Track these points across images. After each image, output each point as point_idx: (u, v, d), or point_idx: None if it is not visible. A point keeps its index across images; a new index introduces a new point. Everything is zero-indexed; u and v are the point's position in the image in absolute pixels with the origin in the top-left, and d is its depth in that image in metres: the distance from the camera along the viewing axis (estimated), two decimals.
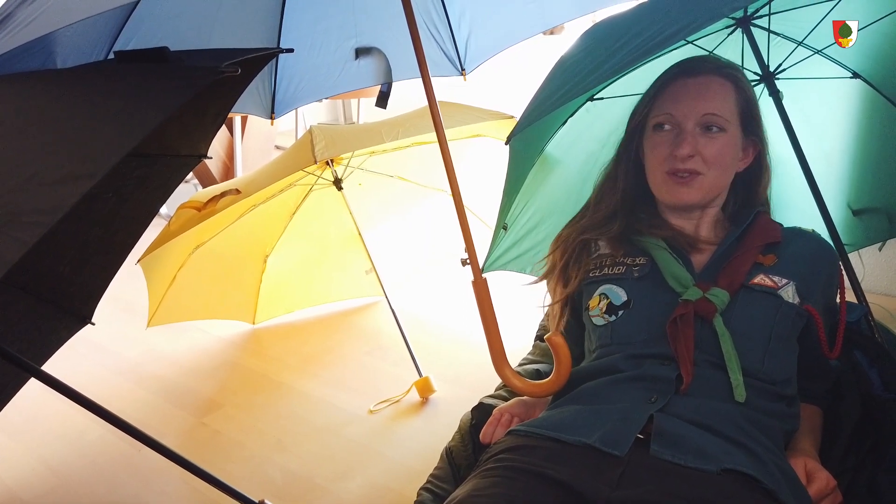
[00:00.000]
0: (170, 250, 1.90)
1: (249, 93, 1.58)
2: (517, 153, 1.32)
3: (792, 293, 0.98)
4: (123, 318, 2.41)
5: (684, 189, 1.03)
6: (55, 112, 0.69)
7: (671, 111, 1.03)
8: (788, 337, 0.97)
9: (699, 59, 1.07)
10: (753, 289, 0.98)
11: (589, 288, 1.08)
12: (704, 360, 0.94)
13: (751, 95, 1.05)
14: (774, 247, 1.03)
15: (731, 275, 0.98)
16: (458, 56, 1.67)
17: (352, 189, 2.14)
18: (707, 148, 1.01)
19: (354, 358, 2.17)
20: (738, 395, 0.91)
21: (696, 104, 1.01)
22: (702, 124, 1.01)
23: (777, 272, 0.99)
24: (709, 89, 1.02)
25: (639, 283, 1.03)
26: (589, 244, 1.12)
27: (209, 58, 0.82)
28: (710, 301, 0.95)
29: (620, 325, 1.01)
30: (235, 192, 1.74)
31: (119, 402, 2.01)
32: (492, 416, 1.07)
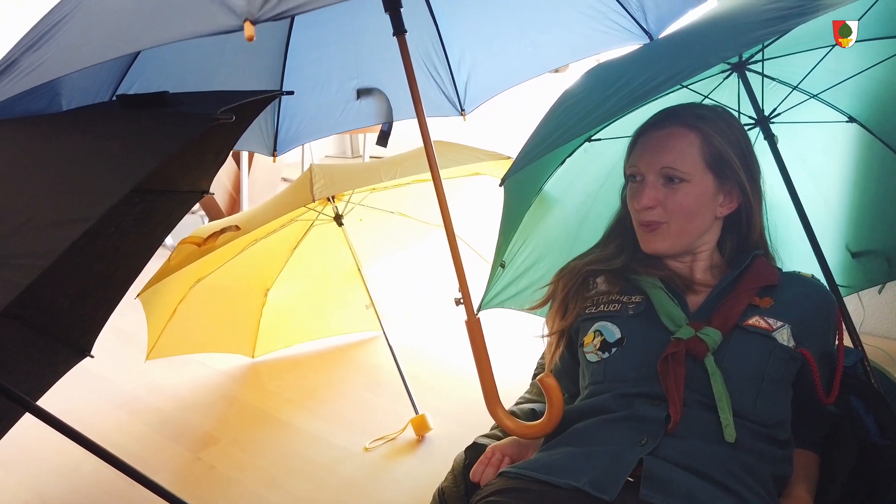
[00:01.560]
0: (170, 284, 1.91)
1: (252, 130, 1.61)
2: (513, 194, 1.34)
3: (787, 336, 0.98)
4: (123, 351, 2.41)
5: (652, 237, 1.05)
6: (53, 156, 0.70)
7: (637, 164, 1.06)
8: (782, 380, 0.97)
9: (668, 112, 1.08)
10: (747, 330, 0.98)
11: (585, 325, 1.09)
12: (696, 401, 0.93)
13: (719, 143, 1.04)
14: (771, 290, 1.03)
15: (724, 315, 0.99)
16: (458, 97, 1.70)
17: (352, 225, 2.15)
18: (669, 198, 1.03)
19: (352, 393, 2.16)
20: (727, 435, 0.90)
21: (656, 157, 1.04)
22: (663, 175, 1.03)
23: (773, 315, 0.99)
24: (669, 142, 1.03)
25: (633, 320, 1.03)
26: (588, 280, 1.13)
27: (209, 101, 0.84)
28: (702, 340, 0.96)
29: (613, 363, 1.01)
30: (235, 229, 1.76)
31: (116, 435, 2.00)
32: (483, 455, 1.06)
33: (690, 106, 1.08)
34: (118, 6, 0.80)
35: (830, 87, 1.42)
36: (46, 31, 0.88)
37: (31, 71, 0.80)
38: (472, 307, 1.13)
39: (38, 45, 0.85)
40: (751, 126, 1.44)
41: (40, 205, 0.62)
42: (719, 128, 1.05)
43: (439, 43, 1.62)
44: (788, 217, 1.47)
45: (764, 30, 0.99)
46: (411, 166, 1.75)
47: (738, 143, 1.07)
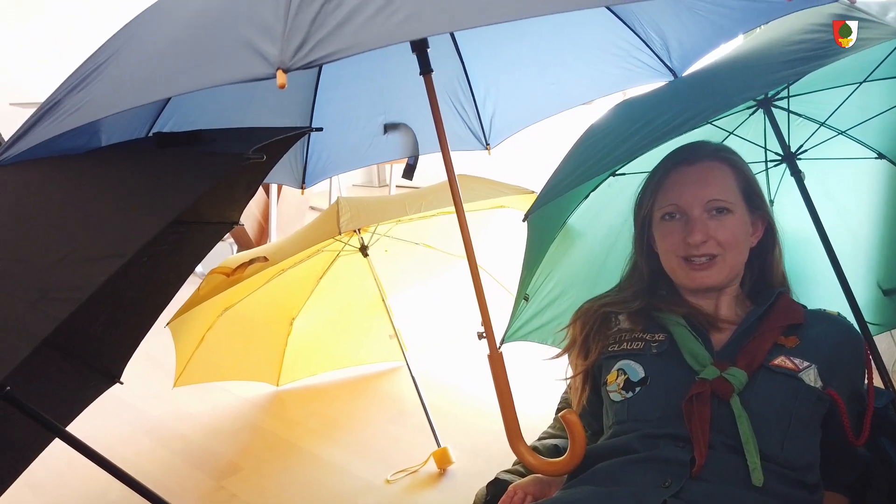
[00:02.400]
0: (198, 313, 1.95)
1: (282, 164, 1.65)
2: (536, 227, 1.34)
3: (814, 377, 0.96)
4: (151, 377, 2.45)
5: (704, 273, 1.04)
6: (91, 193, 0.73)
7: (676, 201, 1.06)
8: (810, 421, 0.95)
9: (693, 147, 1.10)
10: (773, 370, 0.96)
11: (608, 363, 1.08)
12: (721, 443, 0.92)
13: (749, 174, 1.08)
14: (796, 328, 1.01)
15: (750, 355, 0.97)
16: (483, 132, 1.72)
17: (377, 255, 2.17)
18: (719, 231, 1.03)
19: (375, 424, 2.16)
20: (755, 479, 0.88)
21: (700, 191, 1.04)
22: (709, 209, 1.04)
23: (798, 354, 0.98)
24: (709, 175, 1.05)
25: (657, 359, 1.02)
26: (609, 318, 1.12)
27: (241, 139, 0.87)
28: (727, 381, 0.94)
29: (637, 402, 1.00)
30: (263, 260, 1.79)
31: (142, 461, 2.02)
32: (505, 494, 1.06)
33: (705, 143, 1.10)
34: (157, 53, 0.84)
35: (858, 123, 1.41)
36: (88, 73, 0.92)
37: (74, 112, 0.84)
38: (495, 341, 1.13)
39: (80, 87, 0.89)
40: (777, 162, 1.44)
41: (78, 240, 0.65)
42: (740, 159, 1.09)
43: (465, 79, 1.65)
44: (816, 254, 1.45)
45: (788, 70, 1.00)
46: (436, 199, 1.77)
47: (752, 174, 1.11)
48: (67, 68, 1.00)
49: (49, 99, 0.93)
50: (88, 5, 3.99)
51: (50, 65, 1.48)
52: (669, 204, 1.07)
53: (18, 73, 3.78)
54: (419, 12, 0.69)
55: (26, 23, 4.00)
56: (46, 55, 3.11)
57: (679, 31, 1.45)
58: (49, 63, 1.61)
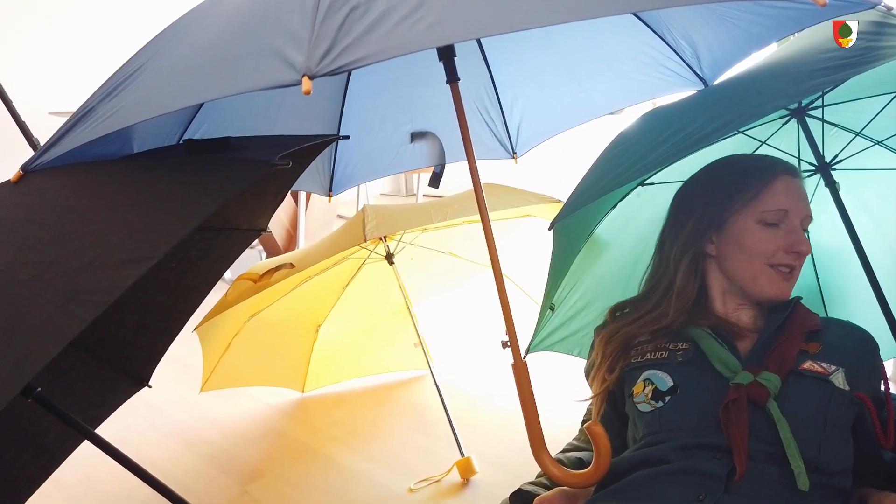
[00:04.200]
0: (226, 319, 1.97)
1: (310, 172, 1.66)
2: (563, 236, 1.33)
3: (842, 380, 0.95)
4: (179, 381, 2.47)
5: (787, 284, 1.05)
6: (121, 198, 0.75)
7: (786, 207, 1.05)
8: (844, 425, 0.94)
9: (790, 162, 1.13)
10: (804, 374, 0.95)
11: (632, 374, 1.06)
12: (760, 452, 0.90)
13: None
14: (816, 335, 1.01)
15: (779, 359, 0.96)
16: (510, 140, 1.72)
17: (403, 263, 2.18)
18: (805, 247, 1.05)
19: (398, 432, 2.16)
20: (801, 484, 0.86)
21: (803, 206, 1.07)
22: (804, 225, 1.07)
23: (824, 359, 0.97)
24: (804, 192, 1.08)
25: (683, 367, 1.01)
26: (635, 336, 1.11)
27: (270, 146, 0.88)
28: (762, 385, 0.93)
29: (669, 412, 0.98)
30: (290, 267, 1.81)
31: (168, 465, 2.05)
32: None
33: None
34: (188, 61, 0.86)
35: (895, 133, 1.38)
36: (121, 81, 0.94)
37: (107, 118, 0.86)
38: (519, 350, 1.12)
39: (113, 95, 0.91)
40: (811, 172, 1.41)
41: (108, 244, 0.66)
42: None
43: (492, 88, 1.65)
44: (850, 266, 1.42)
45: (823, 78, 0.98)
46: (461, 208, 1.77)
47: None
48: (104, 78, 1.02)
49: (83, 106, 0.95)
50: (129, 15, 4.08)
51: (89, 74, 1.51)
52: (779, 209, 1.05)
53: (58, 82, 3.87)
54: (446, 19, 0.69)
55: (67, 31, 4.11)
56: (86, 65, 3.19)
57: (709, 38, 1.43)
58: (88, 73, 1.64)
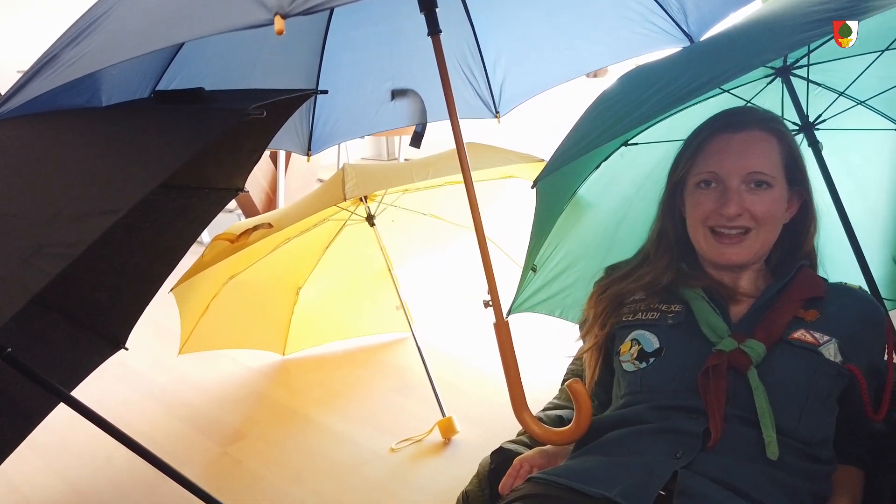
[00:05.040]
0: (203, 280, 1.94)
1: (287, 130, 1.62)
2: (546, 196, 1.32)
3: (834, 351, 0.94)
4: (156, 344, 2.45)
5: (733, 248, 1.00)
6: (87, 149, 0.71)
7: (715, 169, 1.01)
8: (828, 396, 0.93)
9: (741, 113, 1.04)
10: (793, 344, 0.94)
11: (621, 332, 1.06)
12: (736, 416, 0.90)
13: (794, 146, 1.02)
14: (817, 302, 0.99)
15: (768, 328, 0.95)
16: (493, 99, 1.69)
17: (384, 225, 2.16)
18: (756, 205, 0.99)
19: (380, 394, 2.16)
20: (770, 453, 0.87)
21: (740, 162, 0.99)
22: (747, 181, 0.99)
23: (819, 328, 0.96)
24: (753, 146, 1.00)
25: (672, 330, 1.00)
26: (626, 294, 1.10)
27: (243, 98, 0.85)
28: (744, 353, 0.92)
29: (651, 373, 0.98)
30: (268, 226, 1.77)
31: (147, 427, 2.04)
32: (511, 468, 1.04)
33: (753, 110, 1.04)
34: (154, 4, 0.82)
35: (879, 93, 1.37)
36: (86, 27, 0.89)
37: (72, 64, 0.81)
38: (501, 310, 1.11)
39: (78, 41, 0.87)
40: (794, 132, 1.40)
41: (73, 196, 0.64)
42: (788, 131, 1.04)
43: (475, 44, 1.61)
44: (832, 227, 1.42)
45: (810, 31, 0.96)
46: (443, 167, 1.74)
47: (797, 145, 1.05)
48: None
49: (46, 52, 0.91)
50: None
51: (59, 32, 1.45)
52: (707, 171, 1.02)
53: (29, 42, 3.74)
54: None
55: None
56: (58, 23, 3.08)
57: None
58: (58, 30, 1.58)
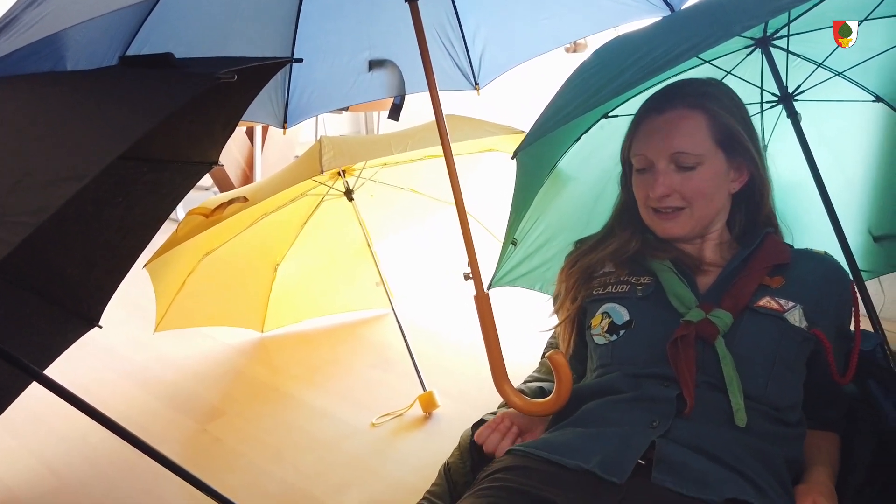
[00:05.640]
0: (178, 256, 1.90)
1: (262, 102, 1.59)
2: (526, 168, 1.31)
3: (799, 317, 0.95)
4: (131, 323, 2.42)
5: (670, 224, 1.02)
6: (51, 115, 0.69)
7: (644, 152, 1.03)
8: (794, 362, 0.95)
9: (667, 92, 1.04)
10: (758, 311, 0.95)
11: (592, 306, 1.07)
12: (706, 383, 0.92)
13: (727, 120, 1.00)
14: (782, 269, 1.00)
15: (735, 297, 0.96)
16: (472, 70, 1.66)
17: (363, 200, 2.13)
18: (684, 185, 1.00)
19: (360, 370, 2.16)
20: (738, 420, 0.88)
21: (664, 143, 1.00)
22: (674, 162, 1.00)
23: (784, 295, 0.97)
24: (677, 126, 1.00)
25: (642, 302, 1.01)
26: (597, 264, 1.11)
27: (215, 65, 0.82)
28: (712, 322, 0.93)
29: (621, 345, 1.00)
30: (243, 200, 1.74)
31: (123, 406, 2.01)
32: (493, 419, 1.04)
33: (688, 83, 1.03)
34: None
35: (856, 64, 1.37)
36: None
37: (33, 25, 0.78)
38: (482, 282, 1.10)
39: (38, 1, 0.83)
40: (774, 103, 1.40)
41: (35, 163, 0.61)
42: (722, 103, 1.02)
43: (454, 13, 1.58)
44: (810, 198, 1.43)
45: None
46: (422, 139, 1.72)
47: (741, 115, 1.04)
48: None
49: (6, 15, 0.87)
50: None
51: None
52: (639, 154, 1.04)
53: None
54: None
55: None
56: None
57: None
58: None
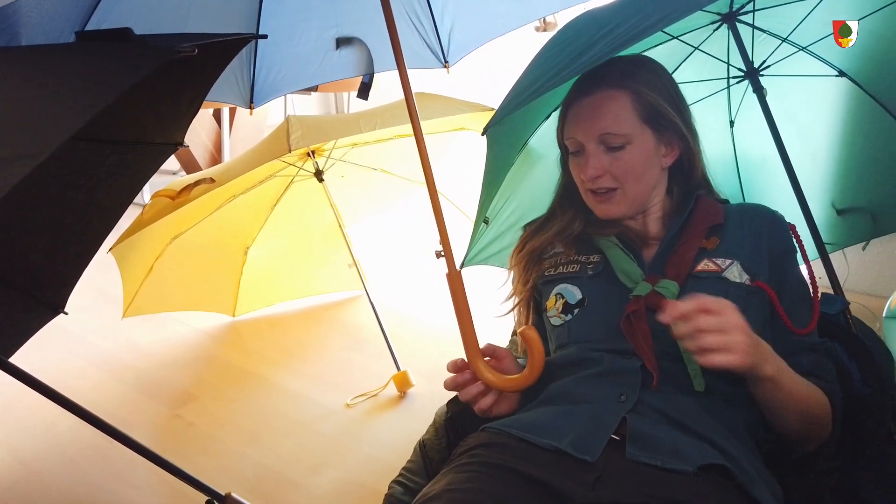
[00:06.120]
0: (145, 239, 1.87)
1: (227, 81, 1.55)
2: (497, 146, 1.30)
3: (738, 272, 0.96)
4: (99, 309, 2.38)
5: (606, 205, 1.04)
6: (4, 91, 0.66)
7: (574, 135, 1.04)
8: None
9: (592, 75, 1.04)
10: (699, 276, 0.97)
11: (546, 288, 1.08)
12: (663, 353, 0.93)
13: (651, 97, 1.01)
14: (718, 229, 1.01)
15: (677, 265, 0.98)
16: (441, 48, 1.64)
17: (334, 181, 2.11)
18: (614, 165, 1.01)
19: (334, 352, 2.15)
20: (697, 385, 0.90)
21: (592, 125, 1.01)
22: (603, 142, 1.01)
23: (720, 254, 0.98)
24: (602, 107, 1.01)
25: (593, 280, 1.03)
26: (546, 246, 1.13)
27: (175, 39, 0.79)
28: (659, 294, 0.95)
29: (576, 324, 1.01)
30: (210, 182, 1.70)
31: (92, 394, 1.98)
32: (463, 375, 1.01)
33: (612, 63, 1.04)
34: None
35: (820, 39, 1.39)
36: None
37: None
38: (454, 260, 1.10)
39: None
40: (740, 78, 1.41)
41: None
42: (647, 79, 1.02)
43: None
44: (775, 172, 1.45)
45: None
46: (392, 117, 1.70)
47: (668, 90, 1.04)
48: None
49: None
50: None
51: None
52: (570, 138, 1.05)
53: None
54: None
55: None
56: None
57: None
58: None
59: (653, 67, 1.06)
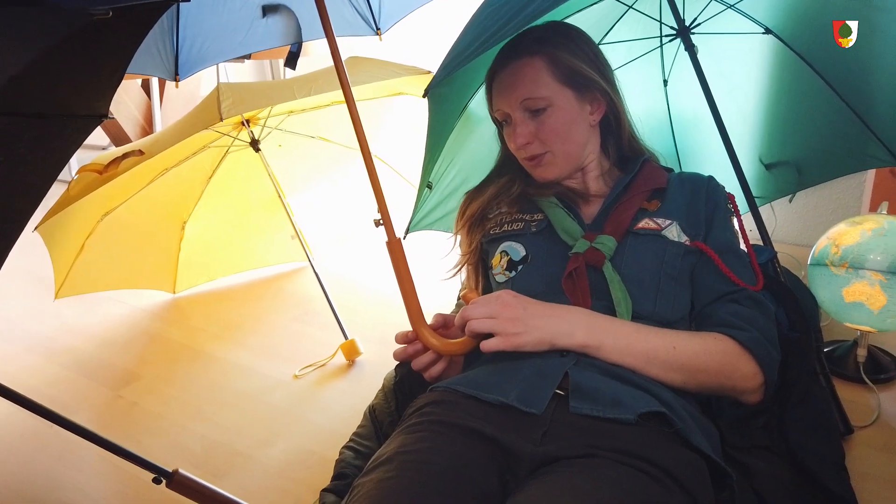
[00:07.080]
0: (73, 216, 1.78)
1: (150, 53, 1.48)
2: (438, 110, 1.29)
3: (676, 232, 1.01)
4: (28, 291, 2.28)
5: (540, 169, 1.08)
6: None
7: (500, 106, 1.07)
8: (679, 277, 1.00)
9: (509, 46, 1.07)
10: (638, 233, 1.01)
11: (491, 246, 1.11)
12: (602, 307, 0.96)
13: (565, 59, 1.03)
14: (660, 192, 1.06)
15: (615, 222, 1.02)
16: (373, 15, 1.60)
17: (271, 151, 2.06)
18: (540, 129, 1.05)
19: (280, 324, 2.13)
20: None
21: (512, 93, 1.04)
22: (526, 109, 1.04)
23: (660, 215, 1.02)
24: (519, 74, 1.04)
25: (536, 237, 1.06)
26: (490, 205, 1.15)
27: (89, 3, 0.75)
28: (597, 249, 0.99)
29: (519, 280, 1.04)
30: (139, 154, 1.63)
31: (28, 378, 1.91)
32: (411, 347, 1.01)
33: (527, 33, 1.06)
34: None
35: None
36: None
37: None
38: (393, 228, 1.10)
39: None
40: (672, 37, 1.44)
41: None
42: (561, 43, 1.05)
43: None
44: (707, 129, 1.49)
45: None
46: (327, 82, 1.65)
47: (583, 50, 1.07)
48: None
49: None
50: None
51: None
52: (496, 110, 1.09)
53: None
54: None
55: None
56: None
57: None
58: None
59: (566, 31, 1.09)
